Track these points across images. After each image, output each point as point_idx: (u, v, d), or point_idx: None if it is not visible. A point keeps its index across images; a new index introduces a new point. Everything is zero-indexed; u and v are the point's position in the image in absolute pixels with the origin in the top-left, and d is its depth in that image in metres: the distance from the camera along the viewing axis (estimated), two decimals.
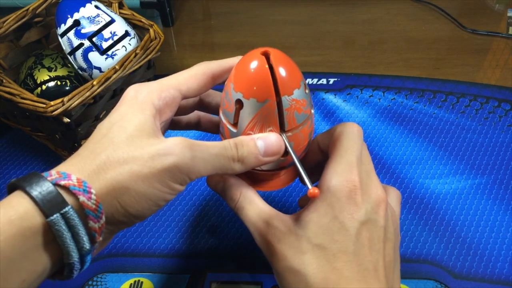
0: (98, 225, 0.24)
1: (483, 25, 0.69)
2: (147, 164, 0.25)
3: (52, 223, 0.23)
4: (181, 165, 0.26)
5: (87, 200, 0.24)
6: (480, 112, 0.55)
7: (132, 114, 0.27)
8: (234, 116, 0.30)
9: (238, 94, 0.29)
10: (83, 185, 0.24)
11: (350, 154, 0.30)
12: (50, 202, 0.23)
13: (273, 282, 0.40)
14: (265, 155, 0.29)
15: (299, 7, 0.76)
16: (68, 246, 0.23)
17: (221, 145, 0.28)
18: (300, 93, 0.30)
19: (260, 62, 0.28)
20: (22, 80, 0.51)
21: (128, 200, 0.25)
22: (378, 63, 0.64)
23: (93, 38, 0.48)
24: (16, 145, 0.54)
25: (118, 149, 0.26)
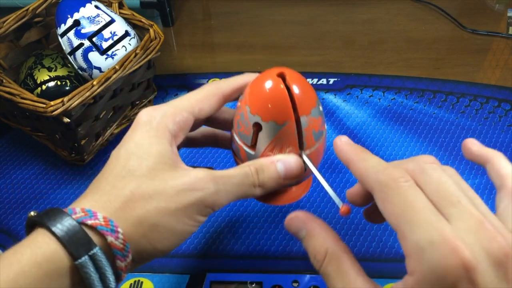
0: (125, 263, 0.24)
1: (483, 25, 0.69)
2: (174, 200, 0.25)
3: (80, 266, 0.22)
4: (207, 199, 0.26)
5: (115, 240, 0.23)
6: (480, 112, 0.55)
7: (149, 143, 0.27)
8: (252, 139, 0.30)
9: (256, 117, 0.29)
10: (110, 225, 0.23)
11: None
12: (76, 243, 0.22)
13: (273, 282, 0.40)
14: (286, 178, 0.29)
15: (299, 7, 0.76)
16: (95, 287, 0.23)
17: (242, 173, 0.28)
18: (316, 111, 0.30)
19: (277, 84, 0.28)
20: (22, 80, 0.51)
21: (157, 237, 0.25)
22: (378, 63, 0.64)
23: (93, 38, 0.48)
24: (16, 145, 0.54)
25: (142, 183, 0.25)
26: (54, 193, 0.49)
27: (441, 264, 0.20)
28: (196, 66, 0.65)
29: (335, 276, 0.24)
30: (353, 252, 0.43)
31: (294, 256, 0.43)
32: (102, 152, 0.52)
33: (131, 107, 0.54)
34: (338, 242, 0.25)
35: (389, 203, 0.22)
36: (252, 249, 0.43)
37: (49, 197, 0.48)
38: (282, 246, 0.43)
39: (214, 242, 0.43)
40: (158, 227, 0.25)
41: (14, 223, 0.46)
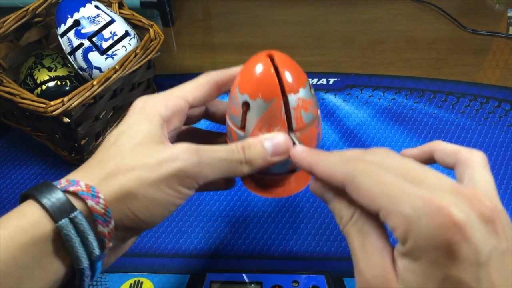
0: (107, 230, 0.24)
1: (483, 25, 0.69)
2: (154, 170, 0.26)
3: (61, 228, 0.23)
4: (188, 170, 0.26)
5: (96, 204, 0.24)
6: (480, 112, 0.55)
7: (139, 123, 0.28)
8: (241, 119, 0.30)
9: (244, 96, 0.29)
10: (92, 190, 0.24)
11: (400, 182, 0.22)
12: (59, 208, 0.23)
13: (273, 282, 0.40)
14: (273, 154, 0.29)
15: (299, 7, 0.76)
16: (77, 251, 0.23)
17: (228, 149, 0.29)
18: (306, 92, 0.30)
19: (265, 63, 0.29)
20: (22, 80, 0.51)
21: (137, 206, 0.25)
22: (378, 63, 0.64)
23: (93, 38, 0.48)
24: (16, 145, 0.54)
25: (125, 157, 0.26)
26: None
27: (432, 226, 0.20)
28: (196, 66, 0.65)
29: (356, 235, 0.24)
30: None
31: (294, 256, 0.43)
32: None
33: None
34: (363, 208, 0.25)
35: (363, 189, 0.23)
36: (252, 249, 0.43)
37: None
38: (282, 246, 0.43)
39: (214, 242, 0.43)
40: (138, 195, 0.25)
41: None
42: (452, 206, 0.20)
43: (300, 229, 0.44)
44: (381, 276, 0.22)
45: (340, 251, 0.43)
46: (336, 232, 0.44)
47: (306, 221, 0.45)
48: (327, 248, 0.43)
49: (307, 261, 0.42)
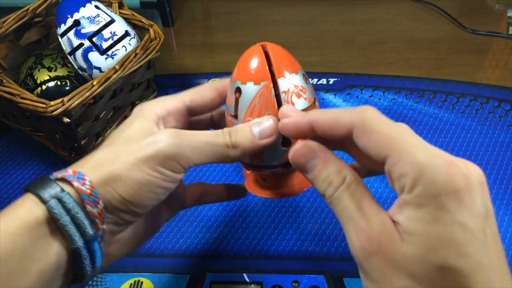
0: (97, 210, 0.26)
1: (483, 25, 0.69)
2: (136, 153, 0.27)
3: (50, 208, 0.24)
4: (168, 151, 0.27)
5: (81, 185, 0.25)
6: (480, 112, 0.55)
7: (134, 122, 0.30)
8: (234, 107, 0.31)
9: (237, 82, 0.30)
10: (78, 174, 0.26)
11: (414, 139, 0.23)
12: (48, 193, 0.25)
13: (273, 282, 0.40)
14: (260, 137, 0.29)
15: (299, 7, 0.76)
16: (68, 230, 0.25)
17: (213, 133, 0.29)
18: (298, 79, 0.30)
19: (257, 50, 0.30)
20: (22, 80, 0.51)
21: (121, 186, 0.26)
22: (378, 63, 0.64)
23: (93, 38, 0.48)
24: (16, 145, 0.54)
25: (116, 147, 0.28)
26: None
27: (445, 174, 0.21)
28: (196, 66, 0.65)
29: (350, 199, 0.24)
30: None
31: (294, 256, 0.43)
32: None
33: (131, 107, 0.54)
34: (353, 171, 0.25)
35: (376, 132, 0.23)
36: (252, 249, 0.43)
37: None
38: (282, 246, 0.43)
39: (214, 242, 0.43)
40: (121, 176, 0.26)
41: None
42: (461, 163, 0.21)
43: (300, 229, 0.44)
44: (384, 233, 0.22)
45: (340, 251, 0.43)
46: (336, 232, 0.44)
47: (306, 221, 0.45)
48: (327, 248, 0.43)
49: (307, 261, 0.42)
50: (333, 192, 0.25)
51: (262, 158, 0.31)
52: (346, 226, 0.24)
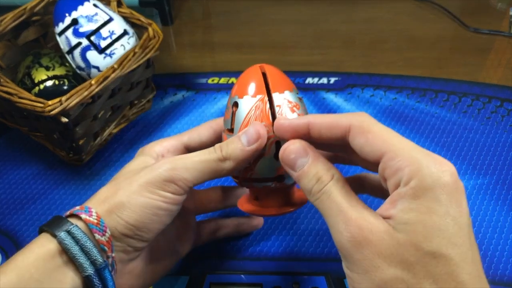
0: (105, 238, 0.28)
1: (486, 24, 0.69)
2: (136, 181, 0.30)
3: (61, 240, 0.27)
4: (165, 175, 0.29)
5: (89, 216, 0.28)
6: (482, 111, 0.55)
7: (135, 159, 0.34)
8: (231, 120, 0.32)
9: (235, 97, 0.32)
10: (85, 208, 0.29)
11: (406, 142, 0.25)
12: (58, 227, 0.27)
13: (273, 284, 0.40)
14: (249, 144, 0.30)
15: (300, 6, 0.75)
16: (79, 258, 0.27)
17: (205, 151, 0.31)
18: (292, 95, 0.32)
19: (254, 69, 0.33)
20: (20, 80, 0.51)
21: (126, 212, 0.29)
22: (379, 63, 0.63)
23: (91, 37, 0.47)
24: (13, 145, 0.54)
25: (118, 181, 0.31)
26: (52, 193, 0.48)
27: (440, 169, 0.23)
28: (196, 66, 0.64)
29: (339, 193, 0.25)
30: None
31: (294, 257, 0.42)
32: (100, 152, 0.52)
33: (129, 106, 0.54)
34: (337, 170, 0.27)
35: (372, 132, 0.25)
36: (252, 250, 0.43)
37: (47, 197, 0.48)
38: (282, 247, 0.43)
39: (214, 244, 0.43)
40: (124, 203, 0.29)
41: (12, 223, 0.45)
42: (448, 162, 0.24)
43: (300, 230, 0.44)
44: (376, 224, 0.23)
45: None
46: None
47: (307, 222, 0.45)
48: (327, 249, 0.42)
49: (308, 262, 0.42)
50: (322, 187, 0.26)
51: (255, 171, 0.32)
52: (335, 218, 0.25)
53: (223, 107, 0.57)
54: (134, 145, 0.53)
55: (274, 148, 0.31)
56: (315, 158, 0.27)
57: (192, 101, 0.58)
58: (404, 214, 0.22)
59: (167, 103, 0.58)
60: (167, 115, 0.57)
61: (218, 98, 0.58)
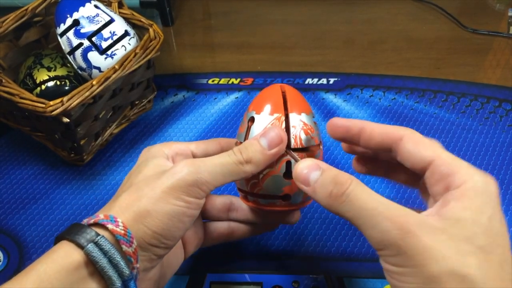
0: (132, 249, 0.27)
1: (484, 24, 0.69)
2: (159, 187, 0.29)
3: (88, 252, 0.26)
4: (188, 179, 0.29)
5: (115, 227, 0.27)
6: (480, 112, 0.55)
7: (146, 161, 0.32)
8: (245, 134, 0.33)
9: (252, 112, 0.33)
10: (110, 217, 0.27)
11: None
12: (84, 238, 0.26)
13: (273, 283, 0.40)
14: (270, 148, 0.30)
15: (299, 7, 0.75)
16: (107, 271, 0.26)
17: (225, 154, 0.31)
18: (308, 118, 0.33)
19: (275, 87, 0.33)
20: (21, 80, 0.51)
21: (151, 221, 0.28)
22: (378, 63, 0.64)
23: (93, 37, 0.48)
24: (15, 145, 0.54)
25: (138, 188, 0.29)
26: (53, 193, 0.49)
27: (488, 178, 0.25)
28: (196, 66, 0.65)
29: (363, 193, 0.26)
30: (353, 253, 0.43)
31: (295, 256, 0.42)
32: (101, 152, 0.52)
33: (130, 107, 0.54)
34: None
35: (423, 143, 0.27)
36: (252, 249, 0.43)
37: (48, 197, 0.48)
38: (282, 246, 0.43)
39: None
40: (150, 211, 0.28)
41: (13, 223, 0.46)
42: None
43: (300, 229, 0.44)
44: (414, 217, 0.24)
45: (341, 252, 0.42)
46: (337, 232, 0.44)
47: (306, 221, 0.45)
48: (327, 249, 0.43)
49: (308, 261, 0.42)
50: (344, 189, 0.26)
51: (262, 187, 0.32)
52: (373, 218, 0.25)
53: (223, 107, 0.57)
54: (135, 145, 0.53)
55: (284, 167, 0.32)
56: (328, 168, 0.27)
57: (192, 102, 0.59)
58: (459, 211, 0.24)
59: (168, 104, 0.58)
60: (167, 115, 0.57)
61: (218, 98, 0.59)
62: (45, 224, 0.46)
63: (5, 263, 0.43)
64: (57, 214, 0.47)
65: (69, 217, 0.46)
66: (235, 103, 0.58)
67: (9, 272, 0.42)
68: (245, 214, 0.37)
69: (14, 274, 0.42)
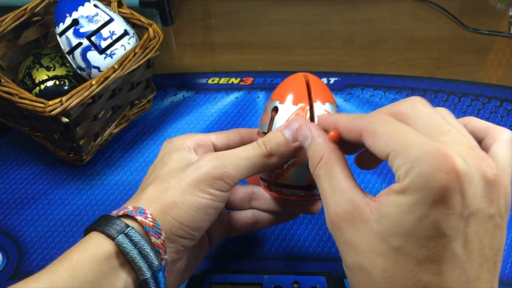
0: (160, 241, 0.27)
1: (485, 24, 0.69)
2: (185, 180, 0.29)
3: (119, 243, 0.26)
4: (214, 173, 0.29)
5: (144, 219, 0.27)
6: (482, 112, 0.55)
7: (169, 153, 0.32)
8: (269, 124, 0.33)
9: (275, 102, 0.33)
10: (139, 209, 0.28)
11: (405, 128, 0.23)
12: (115, 229, 0.27)
13: (273, 283, 0.40)
14: (294, 140, 0.31)
15: (300, 7, 0.75)
16: (138, 262, 0.26)
17: (249, 147, 0.31)
18: (332, 108, 0.33)
19: (298, 77, 0.33)
20: (21, 80, 0.51)
21: (178, 213, 0.28)
22: (379, 63, 0.63)
23: (92, 37, 0.48)
24: (14, 145, 0.54)
25: (164, 181, 0.30)
26: (52, 193, 0.48)
27: (433, 168, 0.20)
28: (196, 66, 0.64)
29: (325, 177, 0.26)
30: None
31: (294, 257, 0.42)
32: (101, 152, 0.52)
33: (130, 106, 0.54)
34: (335, 151, 0.27)
35: (379, 134, 0.24)
36: (252, 250, 0.43)
37: (47, 197, 0.48)
38: (282, 247, 0.43)
39: None
40: (177, 203, 0.28)
41: (12, 223, 0.46)
42: (457, 157, 0.21)
43: (300, 230, 0.44)
44: (350, 209, 0.24)
45: None
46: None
47: (307, 221, 0.45)
48: (327, 249, 0.43)
49: (308, 262, 0.42)
50: (313, 170, 0.27)
51: (287, 177, 0.32)
52: (323, 202, 0.26)
53: (223, 107, 0.57)
54: (134, 145, 0.53)
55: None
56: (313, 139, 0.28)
57: (192, 101, 0.58)
58: (387, 207, 0.22)
59: (167, 103, 0.58)
60: (167, 115, 0.57)
61: (218, 98, 0.58)
62: (44, 224, 0.45)
63: (4, 263, 0.42)
64: (56, 214, 0.46)
65: (68, 217, 0.46)
66: (235, 103, 0.58)
67: (8, 273, 0.42)
68: (267, 202, 0.37)
69: (13, 275, 0.42)
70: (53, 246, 0.44)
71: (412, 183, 0.21)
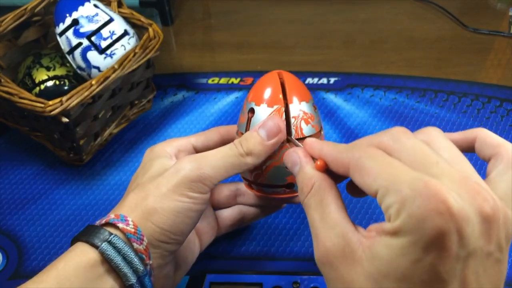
0: (143, 247, 0.28)
1: (485, 24, 0.69)
2: (163, 185, 0.30)
3: (103, 251, 0.27)
4: (191, 175, 0.29)
5: (126, 226, 0.28)
6: (481, 112, 0.55)
7: (150, 161, 0.33)
8: (246, 125, 0.33)
9: (251, 103, 0.33)
10: (121, 216, 0.29)
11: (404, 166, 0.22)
12: (98, 238, 0.27)
13: (273, 283, 0.40)
14: (269, 138, 0.31)
15: (300, 6, 0.75)
16: (122, 268, 0.27)
17: (226, 148, 0.31)
18: (308, 107, 0.33)
19: (273, 77, 0.33)
20: (20, 80, 0.51)
21: (159, 219, 0.29)
22: (379, 63, 0.63)
23: (92, 37, 0.48)
24: (14, 145, 0.54)
25: (143, 186, 0.30)
26: (52, 193, 0.48)
27: (425, 208, 0.19)
28: (196, 65, 0.64)
29: (315, 207, 0.25)
30: None
31: (295, 257, 0.42)
32: (100, 152, 0.52)
33: (130, 106, 0.54)
34: (326, 179, 0.25)
35: (366, 170, 0.22)
36: (252, 250, 0.43)
37: (47, 198, 0.48)
38: (282, 247, 0.43)
39: (214, 243, 0.43)
40: (156, 209, 0.29)
41: (12, 224, 0.46)
42: (450, 194, 0.19)
43: (300, 230, 0.44)
44: (341, 245, 0.23)
45: None
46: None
47: (307, 222, 0.45)
48: None
49: (308, 262, 0.42)
50: (303, 199, 0.26)
51: (266, 177, 0.33)
52: (312, 234, 0.25)
53: (223, 107, 0.57)
54: (134, 145, 0.53)
55: None
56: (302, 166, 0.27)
57: (192, 101, 0.58)
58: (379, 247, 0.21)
59: (167, 103, 0.58)
60: (167, 115, 0.57)
61: (218, 98, 0.58)
62: (44, 224, 0.45)
63: (4, 264, 0.42)
64: (56, 214, 0.46)
65: (68, 217, 0.46)
66: (235, 103, 0.58)
67: (8, 273, 0.42)
68: (252, 197, 0.38)
69: (13, 275, 0.42)
70: (53, 246, 0.44)
71: (404, 225, 0.20)
